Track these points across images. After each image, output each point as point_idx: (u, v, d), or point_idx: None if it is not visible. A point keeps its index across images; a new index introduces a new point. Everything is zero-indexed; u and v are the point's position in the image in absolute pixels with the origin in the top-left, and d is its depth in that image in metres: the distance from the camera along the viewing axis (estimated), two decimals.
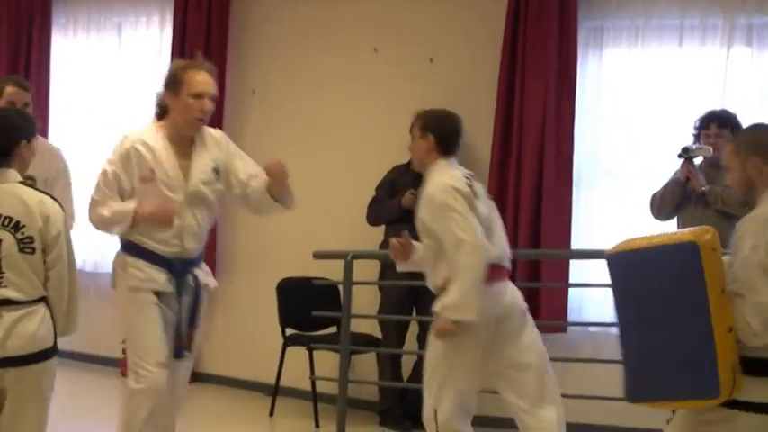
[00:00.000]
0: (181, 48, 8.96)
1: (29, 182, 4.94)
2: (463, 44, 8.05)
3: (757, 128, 4.06)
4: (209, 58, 8.81)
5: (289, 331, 7.72)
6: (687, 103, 7.19)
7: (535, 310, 7.24)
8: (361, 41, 8.39)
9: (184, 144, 5.23)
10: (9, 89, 5.94)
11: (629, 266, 3.91)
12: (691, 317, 3.65)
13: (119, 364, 9.04)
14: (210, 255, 8.73)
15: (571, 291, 7.45)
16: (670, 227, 6.82)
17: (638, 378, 3.90)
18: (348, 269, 7.07)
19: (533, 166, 7.50)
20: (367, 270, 7.56)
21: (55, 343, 4.34)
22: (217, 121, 8.84)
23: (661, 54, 7.46)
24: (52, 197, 4.44)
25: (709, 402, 3.72)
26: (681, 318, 3.69)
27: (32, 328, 4.23)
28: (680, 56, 7.38)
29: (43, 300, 4.31)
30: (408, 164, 7.71)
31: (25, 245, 4.26)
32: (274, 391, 7.73)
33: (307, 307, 7.41)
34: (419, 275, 7.00)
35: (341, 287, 7.24)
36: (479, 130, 7.72)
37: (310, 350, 7.48)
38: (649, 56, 7.48)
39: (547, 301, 7.36)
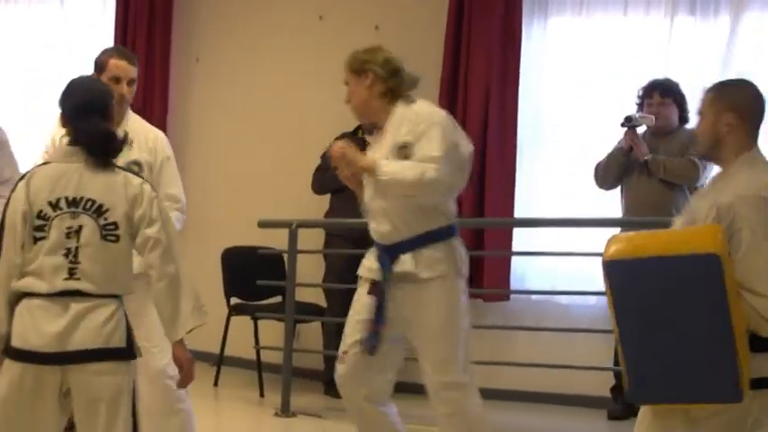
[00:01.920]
0: (124, 17, 8.86)
1: (134, 168, 4.70)
2: (409, 12, 8.02)
3: (740, 84, 3.88)
4: (154, 28, 8.80)
5: (233, 301, 7.70)
6: (631, 72, 7.22)
7: (478, 279, 7.30)
8: (307, 9, 8.33)
9: None
10: (113, 62, 5.00)
11: (637, 274, 3.61)
12: (711, 322, 3.46)
13: None
14: None
15: (514, 259, 7.48)
16: (614, 195, 6.89)
17: (649, 380, 3.66)
18: (293, 238, 7.05)
19: (478, 135, 7.48)
20: (312, 239, 7.55)
21: (130, 347, 3.81)
22: (162, 90, 8.80)
23: (605, 23, 7.49)
24: (142, 178, 3.95)
25: (727, 403, 3.53)
26: (700, 323, 3.49)
27: (99, 321, 3.72)
28: (624, 25, 7.42)
29: (118, 298, 3.81)
30: (355, 132, 7.70)
31: (108, 231, 3.79)
32: (219, 361, 7.71)
33: (251, 276, 7.39)
34: (364, 244, 7.02)
35: (286, 256, 7.23)
36: (424, 98, 7.69)
37: (255, 319, 7.47)
38: (594, 25, 7.51)
39: (490, 270, 7.38)
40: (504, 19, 7.49)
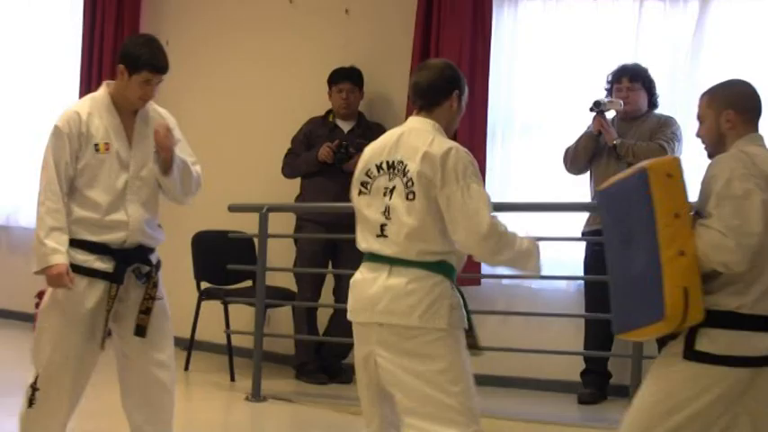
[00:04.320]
0: (92, 5, 8.82)
1: None
2: None
3: (733, 83, 4.01)
4: (123, 11, 8.75)
5: (204, 285, 7.68)
6: (600, 57, 7.24)
7: None
8: None
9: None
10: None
11: (604, 200, 4.01)
12: (644, 242, 3.65)
13: (31, 320, 8.94)
14: None
15: None
16: (584, 179, 6.93)
17: (618, 309, 3.91)
18: (263, 222, 7.04)
19: None
20: (282, 223, 7.54)
21: None
22: None
23: (575, 8, 7.49)
24: None
25: (657, 326, 3.67)
26: (639, 246, 3.68)
27: None
28: (594, 10, 7.43)
29: None
30: (325, 116, 7.69)
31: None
32: (189, 345, 7.68)
33: (222, 260, 7.38)
34: (335, 229, 7.03)
35: (256, 240, 7.22)
36: (394, 83, 7.71)
37: (225, 304, 7.45)
38: (564, 10, 7.50)
39: None
40: (475, 4, 7.48)
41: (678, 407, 3.71)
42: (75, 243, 4.61)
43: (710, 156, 3.92)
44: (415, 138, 4.11)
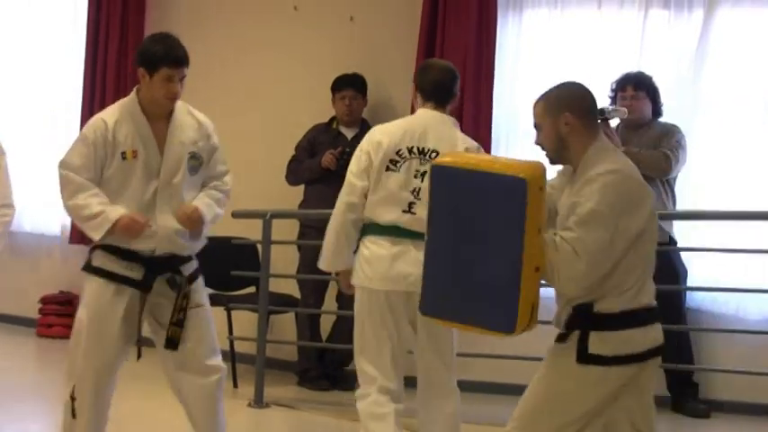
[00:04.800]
0: (97, 4, 8.82)
1: None
2: (384, 3, 8.02)
3: (566, 85, 4.01)
4: (128, 20, 8.76)
5: (207, 291, 7.66)
6: (605, 66, 7.23)
7: None
8: None
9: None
10: None
11: (457, 183, 3.79)
12: (504, 250, 3.61)
13: (35, 325, 8.95)
14: None
15: None
16: None
17: (438, 292, 3.85)
18: (267, 228, 7.04)
19: None
20: (286, 229, 7.55)
21: None
22: (135, 78, 8.71)
23: (580, 16, 7.50)
24: None
25: (498, 335, 3.79)
26: (495, 248, 3.64)
27: None
28: (598, 18, 7.43)
29: None
30: (328, 123, 7.69)
31: None
32: None
33: (225, 266, 7.36)
34: None
35: (260, 246, 7.22)
36: (399, 90, 7.72)
37: (229, 310, 7.45)
38: (568, 18, 7.52)
39: None
40: (479, 11, 7.48)
41: (570, 406, 3.82)
42: (104, 248, 4.58)
43: (553, 162, 3.92)
44: (441, 131, 4.84)
